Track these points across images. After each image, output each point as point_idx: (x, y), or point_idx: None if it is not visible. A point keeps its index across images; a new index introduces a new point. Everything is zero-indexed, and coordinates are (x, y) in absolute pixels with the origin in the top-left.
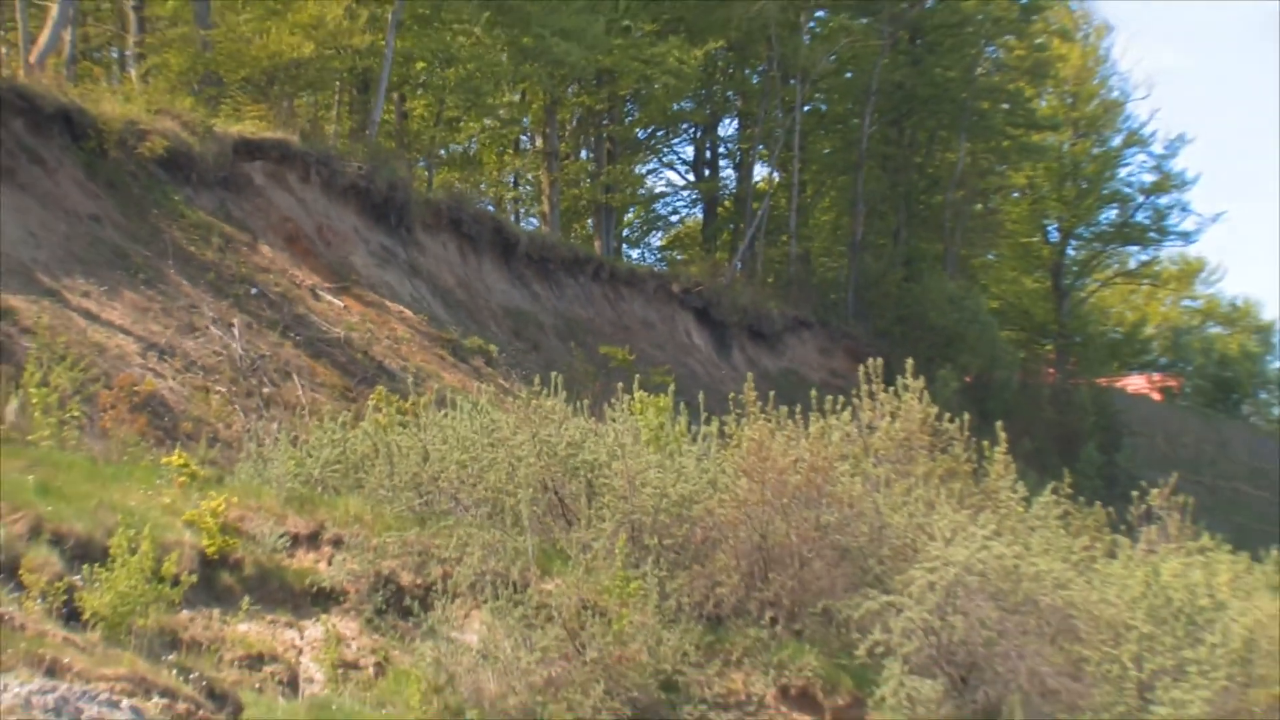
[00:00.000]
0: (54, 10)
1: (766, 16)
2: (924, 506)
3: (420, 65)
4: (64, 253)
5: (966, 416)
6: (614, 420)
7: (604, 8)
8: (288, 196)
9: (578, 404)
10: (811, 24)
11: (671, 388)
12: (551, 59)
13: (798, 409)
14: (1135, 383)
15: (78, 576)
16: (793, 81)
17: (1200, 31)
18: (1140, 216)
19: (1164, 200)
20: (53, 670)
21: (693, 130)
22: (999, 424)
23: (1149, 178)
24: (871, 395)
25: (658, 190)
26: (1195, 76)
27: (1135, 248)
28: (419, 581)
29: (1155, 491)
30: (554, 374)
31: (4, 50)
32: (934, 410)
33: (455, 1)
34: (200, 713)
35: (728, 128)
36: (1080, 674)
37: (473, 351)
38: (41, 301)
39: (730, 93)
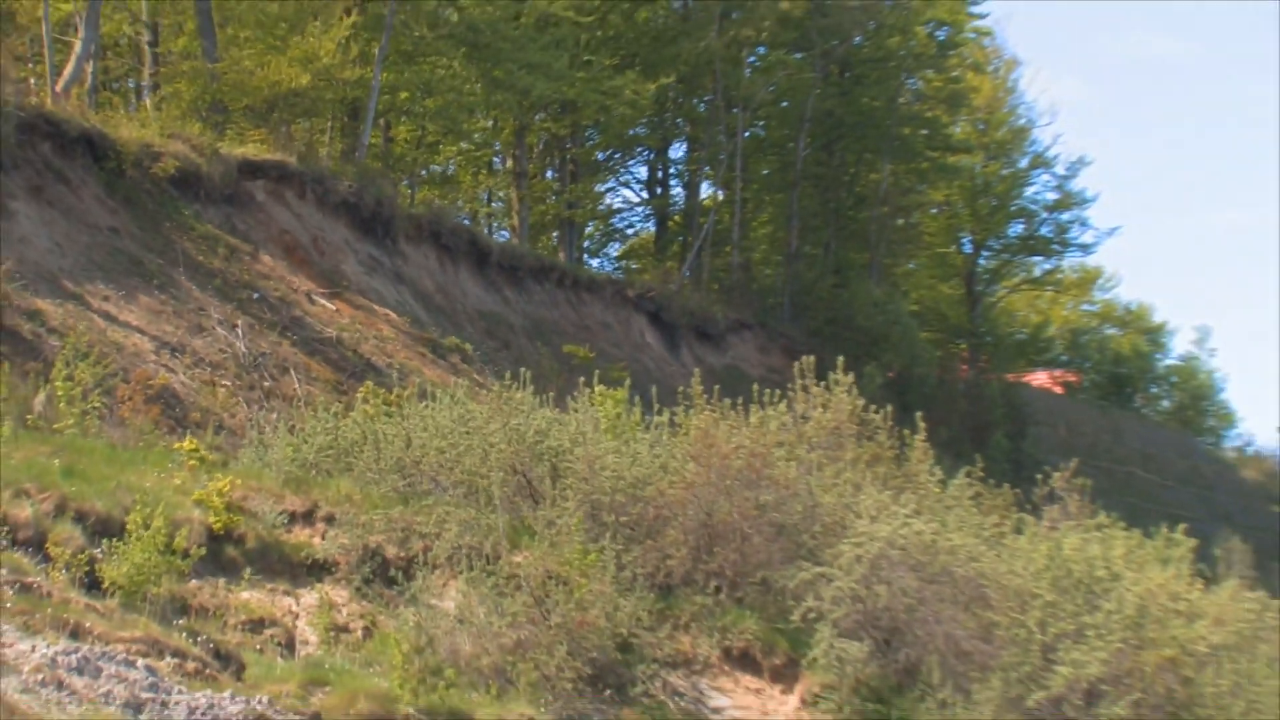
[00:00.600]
0: (77, 45)
1: (712, 53)
2: (852, 488)
3: (404, 95)
4: (86, 261)
5: (889, 408)
6: (576, 411)
7: (567, 44)
8: (286, 212)
9: (544, 397)
10: (752, 59)
11: (627, 382)
12: (520, 90)
13: (739, 401)
14: (1039, 378)
15: (98, 550)
16: (735, 110)
17: (1100, 65)
18: (1044, 230)
19: (1065, 216)
20: (76, 633)
21: (646, 153)
22: (918, 415)
23: (1052, 196)
24: (805, 389)
25: (615, 206)
26: (1096, 105)
27: (1040, 258)
28: (402, 554)
29: (1057, 475)
30: (523, 370)
31: (33, 81)
32: (860, 402)
33: (435, 39)
34: (207, 671)
35: (677, 151)
36: (991, 637)
37: (450, 350)
38: (66, 305)
39: (679, 120)
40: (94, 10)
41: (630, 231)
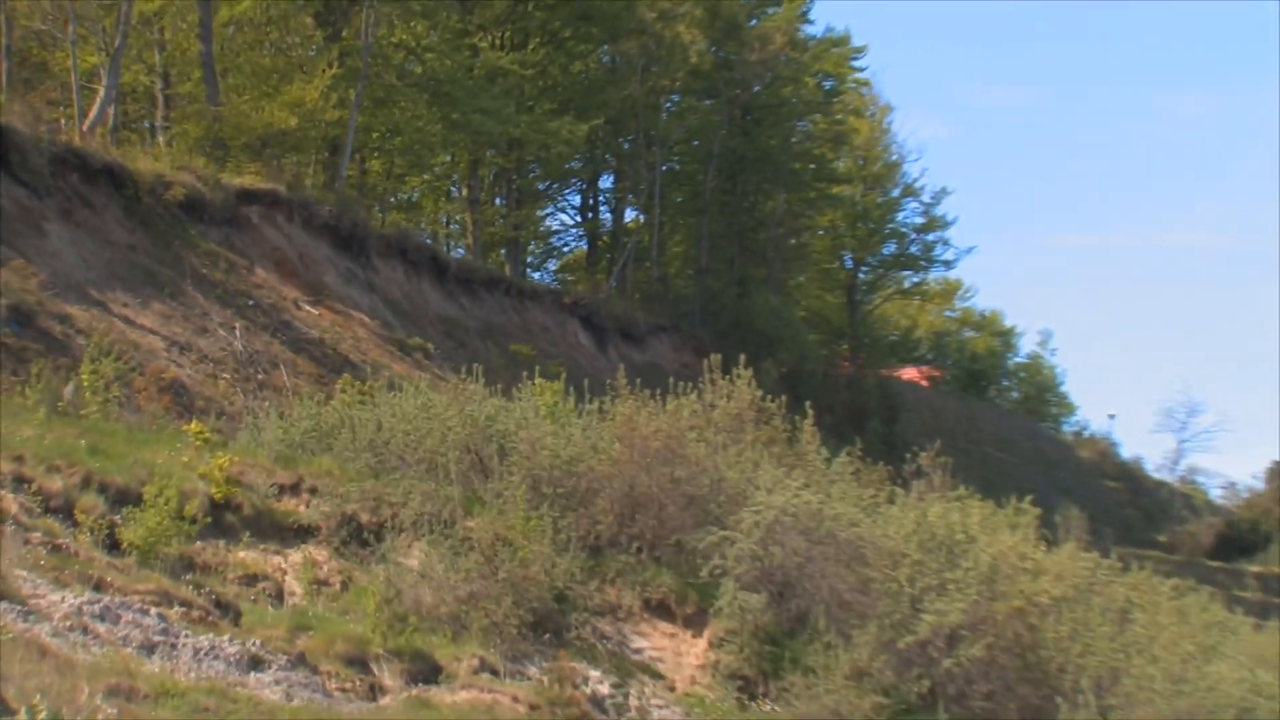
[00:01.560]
0: (101, 91)
1: (634, 100)
2: (751, 465)
3: (375, 134)
4: (108, 273)
5: (783, 398)
6: (520, 400)
7: (513, 92)
8: (276, 232)
9: (493, 388)
10: (668, 105)
11: (563, 376)
12: (474, 130)
13: (657, 392)
14: (909, 373)
15: (118, 516)
16: (654, 148)
17: (960, 110)
18: (913, 249)
19: (930, 237)
20: (99, 586)
21: (579, 183)
22: (807, 404)
23: (919, 220)
24: (712, 382)
25: (553, 228)
26: (956, 143)
27: (909, 272)
28: (374, 520)
29: (923, 455)
30: (476, 365)
31: (63, 121)
32: (758, 393)
33: (403, 88)
34: (209, 618)
35: (606, 181)
36: (868, 590)
37: (414, 349)
38: (91, 310)
39: (607, 156)
40: (115, 62)
41: (566, 249)
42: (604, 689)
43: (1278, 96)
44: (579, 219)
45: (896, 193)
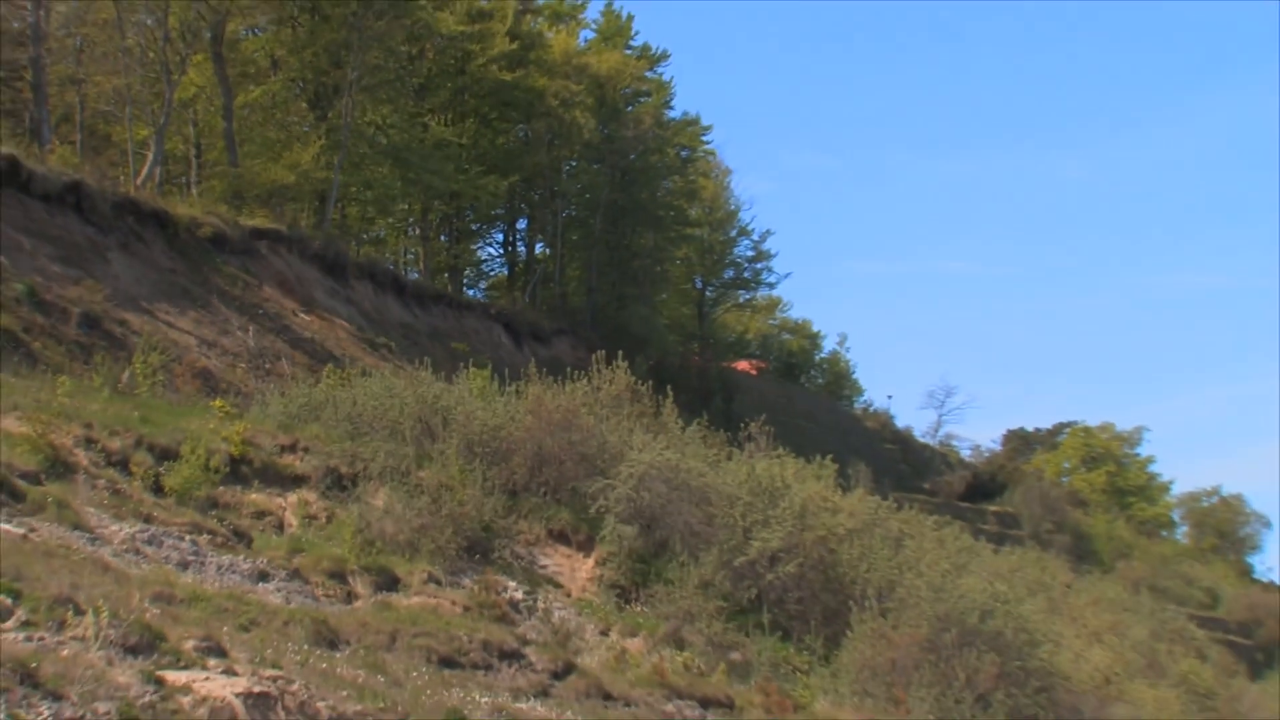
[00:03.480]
0: (150, 155)
1: (542, 164)
2: (627, 432)
3: (352, 188)
4: (155, 290)
5: (650, 384)
6: (457, 384)
7: (454, 158)
8: (279, 260)
9: (438, 375)
10: (567, 168)
11: (489, 367)
12: (425, 186)
13: (559, 378)
14: (743, 365)
15: (161, 468)
16: (557, 199)
17: (780, 171)
18: (746, 274)
19: (759, 265)
20: (147, 519)
21: (502, 225)
22: (668, 388)
23: (750, 253)
24: (598, 371)
25: (483, 258)
26: (778, 195)
27: (743, 291)
28: (350, 471)
29: (752, 425)
30: (425, 359)
31: (121, 177)
32: (632, 380)
33: (372, 154)
34: (229, 544)
35: (522, 223)
36: (712, 523)
37: (381, 346)
38: (142, 317)
39: (522, 204)
40: (160, 134)
41: (491, 273)
42: (519, 595)
43: (1016, 159)
44: (502, 251)
45: (734, 233)
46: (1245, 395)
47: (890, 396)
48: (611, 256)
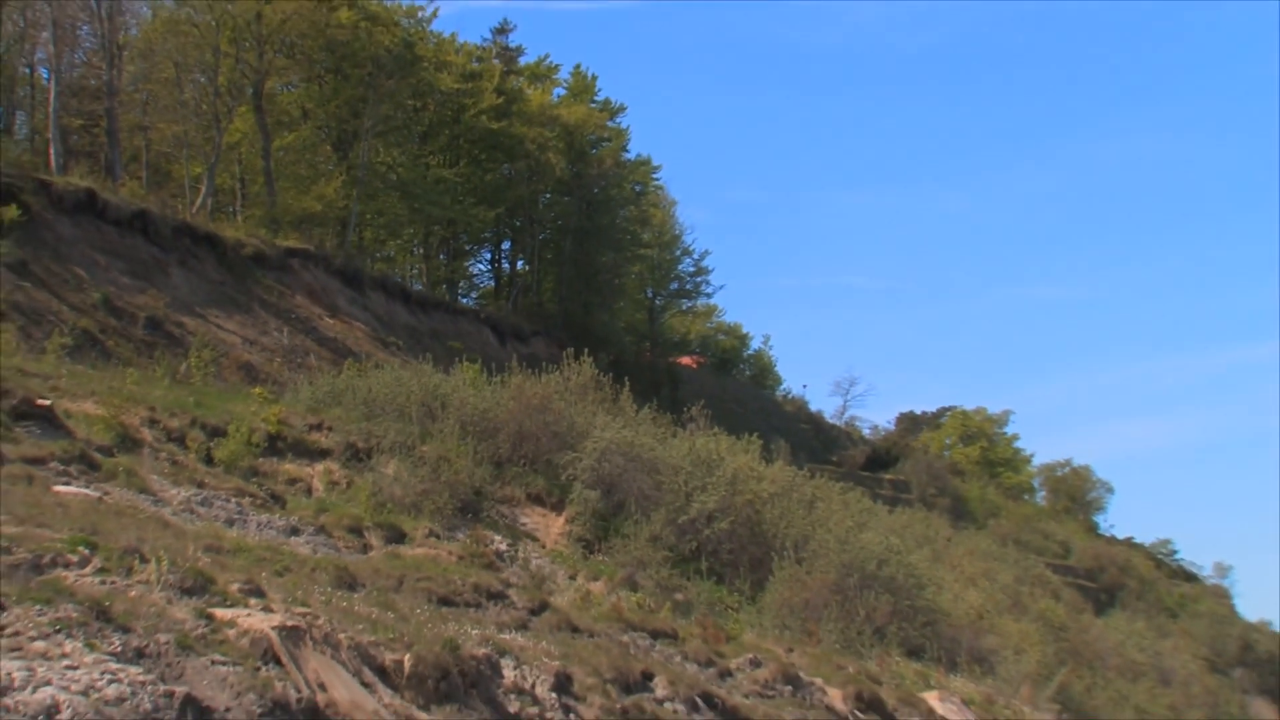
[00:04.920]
0: (203, 188)
1: (523, 196)
2: (591, 414)
3: (368, 216)
4: (208, 298)
5: (610, 375)
6: (453, 375)
7: (450, 191)
8: (309, 274)
9: (438, 369)
10: (543, 199)
11: (479, 362)
12: (427, 214)
13: (536, 371)
14: (686, 361)
15: (213, 443)
16: (534, 226)
17: (717, 202)
18: (688, 286)
19: (699, 279)
20: (200, 485)
21: (490, 246)
22: (625, 380)
23: (691, 269)
24: (568, 365)
25: (474, 273)
26: (714, 223)
27: (686, 300)
28: (366, 446)
29: (693, 409)
30: (427, 354)
31: (180, 206)
32: (596, 372)
33: (384, 189)
34: (267, 505)
35: (506, 245)
36: (660, 488)
37: (391, 344)
38: (197, 320)
39: (507, 230)
40: (212, 171)
41: (481, 285)
42: (503, 547)
43: (907, 194)
44: (490, 267)
45: (678, 252)
46: (1092, 384)
47: (805, 385)
48: (578, 272)
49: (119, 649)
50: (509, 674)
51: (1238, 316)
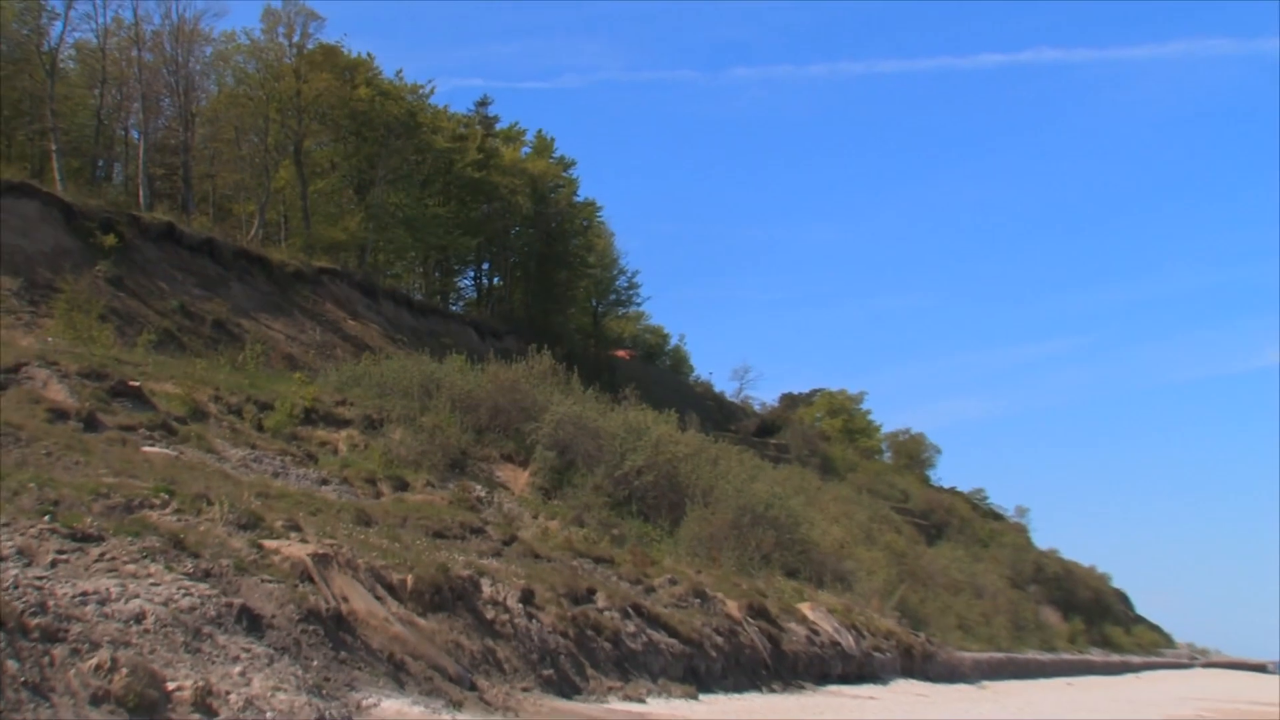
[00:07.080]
0: (256, 221)
1: (498, 228)
2: (549, 394)
3: (380, 244)
4: (259, 306)
5: (564, 365)
6: (446, 364)
7: (443, 223)
8: (336, 287)
9: (434, 359)
10: (514, 231)
11: (465, 354)
12: (424, 242)
13: (510, 361)
14: (621, 353)
15: (263, 415)
16: (506, 251)
17: (648, 232)
18: (623, 297)
19: (631, 292)
20: (253, 447)
21: (474, 267)
22: (575, 368)
23: (625, 284)
24: (533, 357)
25: (461, 286)
26: (645, 249)
27: (623, 308)
28: (379, 416)
29: (628, 389)
30: (425, 348)
31: (238, 235)
32: (554, 363)
33: (392, 223)
34: (304, 462)
35: (485, 265)
36: (602, 449)
37: (398, 341)
38: (251, 322)
39: (486, 254)
40: (263, 208)
41: (467, 295)
42: (482, 494)
43: (791, 226)
44: (474, 282)
45: (615, 272)
46: (928, 370)
47: (710, 372)
48: (540, 285)
49: (191, 570)
50: (486, 589)
51: (1037, 321)
